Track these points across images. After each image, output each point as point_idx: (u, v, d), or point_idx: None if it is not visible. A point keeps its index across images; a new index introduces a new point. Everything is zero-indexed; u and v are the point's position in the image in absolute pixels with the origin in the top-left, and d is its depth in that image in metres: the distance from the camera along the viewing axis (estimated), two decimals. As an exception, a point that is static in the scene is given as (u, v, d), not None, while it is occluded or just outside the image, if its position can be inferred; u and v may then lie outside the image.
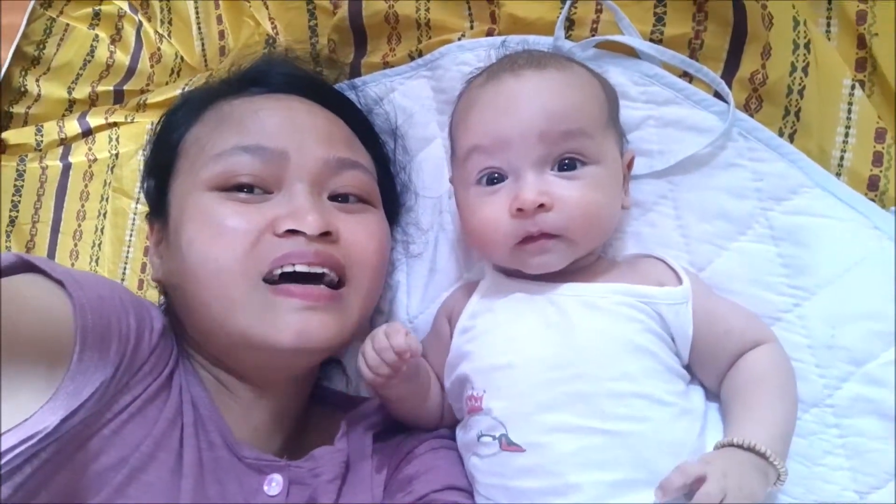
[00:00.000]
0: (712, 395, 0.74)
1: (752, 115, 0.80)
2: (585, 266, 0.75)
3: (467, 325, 0.76)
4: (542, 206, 0.68)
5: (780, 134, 0.79)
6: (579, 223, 0.70)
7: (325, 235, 0.72)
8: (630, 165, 0.79)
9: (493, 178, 0.73)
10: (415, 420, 0.81)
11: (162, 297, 0.85)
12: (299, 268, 0.70)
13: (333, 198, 0.78)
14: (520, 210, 0.69)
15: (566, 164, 0.70)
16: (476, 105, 0.75)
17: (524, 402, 0.67)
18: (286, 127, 0.77)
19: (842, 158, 0.77)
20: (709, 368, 0.73)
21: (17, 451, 0.52)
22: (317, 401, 0.87)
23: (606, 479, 0.64)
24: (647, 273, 0.75)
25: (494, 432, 0.68)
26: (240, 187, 0.73)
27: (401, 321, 0.92)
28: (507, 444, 0.67)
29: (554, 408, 0.66)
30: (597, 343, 0.68)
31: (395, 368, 0.69)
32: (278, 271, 0.70)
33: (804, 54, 0.78)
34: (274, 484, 0.70)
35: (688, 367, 0.73)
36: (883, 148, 0.75)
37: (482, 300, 0.77)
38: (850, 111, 0.76)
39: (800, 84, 0.78)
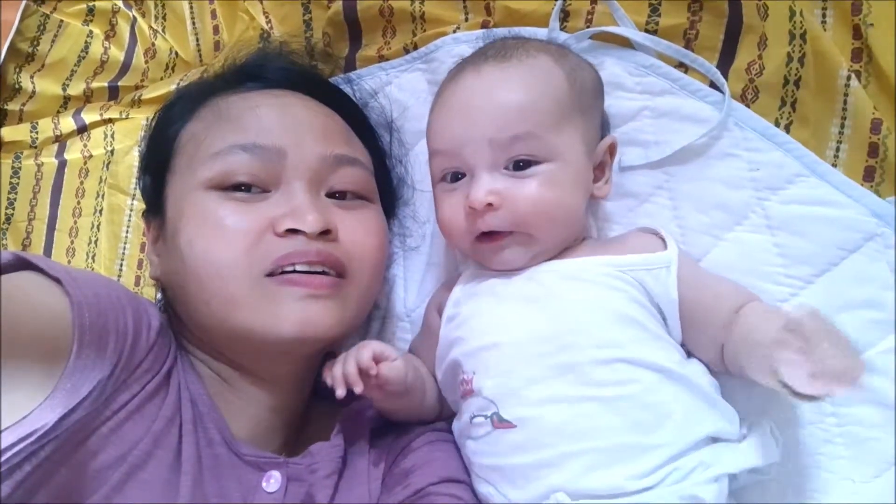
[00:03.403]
0: (713, 373, 0.72)
1: (748, 106, 0.80)
2: (567, 248, 0.76)
3: (452, 313, 0.76)
4: (491, 205, 0.70)
5: (777, 125, 0.78)
6: (531, 220, 0.71)
7: (325, 234, 0.72)
8: (612, 151, 0.79)
9: (457, 176, 0.75)
10: (413, 420, 0.81)
11: (159, 295, 0.85)
12: (300, 268, 0.70)
13: (331, 195, 0.78)
14: (472, 209, 0.71)
15: (520, 164, 0.71)
16: (436, 106, 0.78)
17: (513, 378, 0.68)
18: (283, 124, 0.76)
19: (837, 150, 0.77)
20: (703, 339, 0.71)
21: (16, 448, 0.53)
22: (316, 396, 0.87)
23: (600, 446, 0.63)
24: (631, 244, 0.75)
25: (486, 411, 0.68)
26: (238, 186, 0.73)
27: (398, 315, 0.92)
28: (499, 422, 0.67)
29: (542, 380, 0.66)
30: (581, 312, 0.69)
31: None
32: (280, 271, 0.70)
33: (800, 45, 0.78)
34: (272, 481, 0.70)
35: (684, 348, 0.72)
36: (878, 139, 0.74)
37: (464, 287, 0.78)
38: (845, 102, 0.76)
39: (796, 75, 0.78)
